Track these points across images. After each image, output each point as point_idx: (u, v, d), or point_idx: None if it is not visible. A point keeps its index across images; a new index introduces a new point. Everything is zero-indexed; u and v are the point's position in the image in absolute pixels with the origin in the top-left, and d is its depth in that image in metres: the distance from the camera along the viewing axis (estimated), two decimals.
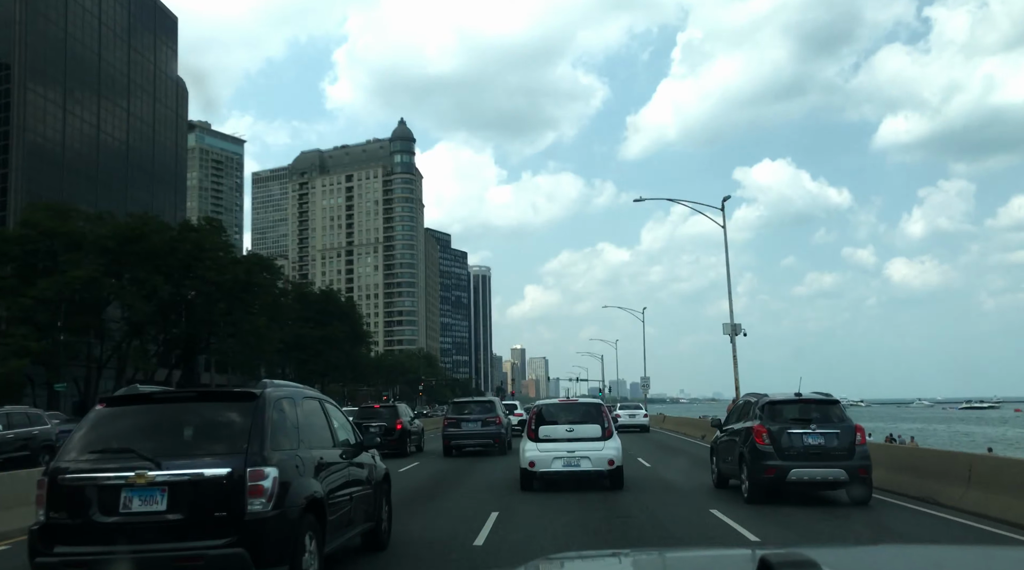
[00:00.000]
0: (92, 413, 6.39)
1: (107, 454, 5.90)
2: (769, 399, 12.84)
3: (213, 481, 5.72)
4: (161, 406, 6.58)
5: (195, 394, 6.76)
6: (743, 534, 9.55)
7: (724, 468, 14.02)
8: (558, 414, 14.40)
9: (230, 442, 5.97)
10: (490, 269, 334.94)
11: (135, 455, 5.79)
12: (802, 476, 11.79)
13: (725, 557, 2.84)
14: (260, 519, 5.71)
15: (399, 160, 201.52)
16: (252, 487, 5.73)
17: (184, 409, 6.46)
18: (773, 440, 12.03)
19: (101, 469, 5.78)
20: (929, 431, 70.61)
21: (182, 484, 5.71)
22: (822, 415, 12.40)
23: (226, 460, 5.79)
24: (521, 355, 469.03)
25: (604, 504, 12.17)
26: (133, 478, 5.69)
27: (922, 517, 10.91)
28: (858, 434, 12.15)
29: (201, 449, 5.99)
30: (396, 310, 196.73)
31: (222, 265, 52.84)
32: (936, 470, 12.43)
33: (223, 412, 6.29)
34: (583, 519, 10.87)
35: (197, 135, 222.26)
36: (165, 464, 5.74)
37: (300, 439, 6.60)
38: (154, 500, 5.71)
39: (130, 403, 6.46)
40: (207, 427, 6.21)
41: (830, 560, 2.06)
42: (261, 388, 6.44)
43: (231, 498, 5.70)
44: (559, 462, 13.58)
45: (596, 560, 3.08)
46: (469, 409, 24.63)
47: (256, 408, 6.14)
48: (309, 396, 7.41)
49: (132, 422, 6.26)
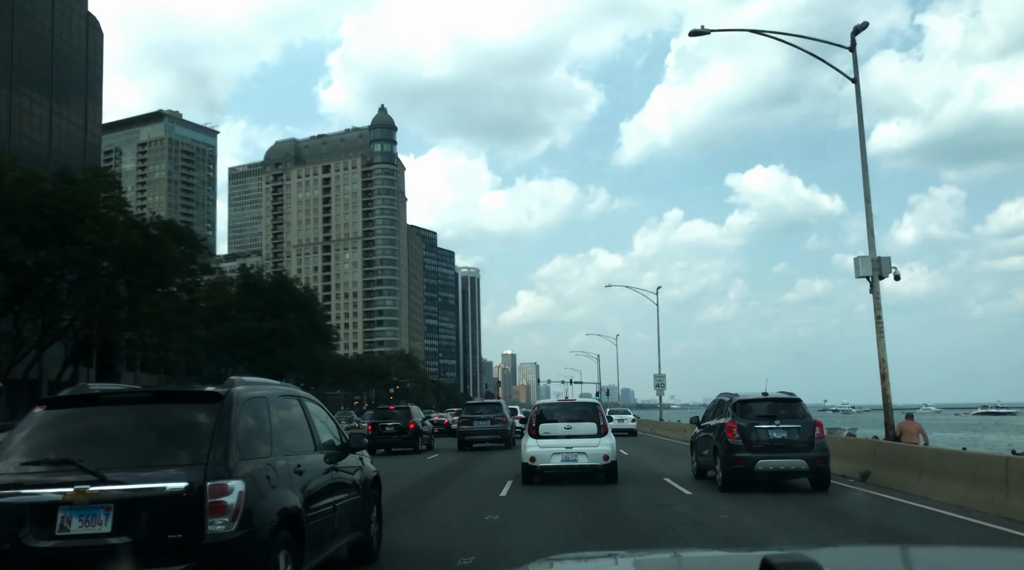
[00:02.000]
0: (29, 417, 5.83)
1: (43, 466, 5.36)
2: (739, 398, 15.31)
3: (167, 497, 5.17)
4: (111, 408, 5.96)
5: (152, 394, 6.22)
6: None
7: (702, 461, 16.44)
8: (557, 413, 16.77)
9: (190, 450, 5.46)
10: (479, 271, 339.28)
11: (75, 467, 5.21)
12: (767, 466, 14.23)
13: (727, 558, 3.02)
14: (222, 541, 5.19)
15: (379, 149, 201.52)
16: (213, 504, 5.21)
17: (138, 412, 5.91)
18: (742, 434, 14.45)
19: (34, 484, 5.22)
20: (969, 441, 59.60)
21: (130, 501, 5.16)
22: (787, 412, 14.87)
23: (184, 472, 5.27)
24: (512, 360, 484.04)
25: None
26: (72, 494, 5.11)
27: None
28: (817, 428, 14.64)
29: (155, 459, 5.43)
30: (376, 309, 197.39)
31: (109, 227, 41.62)
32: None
33: (183, 415, 5.79)
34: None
35: (166, 125, 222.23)
36: (111, 478, 5.17)
37: (274, 444, 6.18)
38: (97, 520, 5.16)
39: (75, 405, 5.93)
40: (164, 433, 5.68)
41: (832, 561, 2.14)
42: (228, 387, 5.97)
43: (188, 517, 5.18)
44: (558, 457, 15.84)
45: (595, 561, 3.27)
46: (480, 410, 30.84)
47: (221, 410, 5.67)
48: (286, 394, 7.07)
49: (76, 428, 5.77)
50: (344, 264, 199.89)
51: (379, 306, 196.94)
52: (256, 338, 67.87)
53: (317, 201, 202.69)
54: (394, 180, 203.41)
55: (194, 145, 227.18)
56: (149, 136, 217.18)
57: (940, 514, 11.73)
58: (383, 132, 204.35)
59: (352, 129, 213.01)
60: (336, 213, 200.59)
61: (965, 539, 9.87)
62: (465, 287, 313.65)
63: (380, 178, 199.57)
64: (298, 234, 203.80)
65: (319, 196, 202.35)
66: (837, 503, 13.40)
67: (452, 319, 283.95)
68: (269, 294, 75.64)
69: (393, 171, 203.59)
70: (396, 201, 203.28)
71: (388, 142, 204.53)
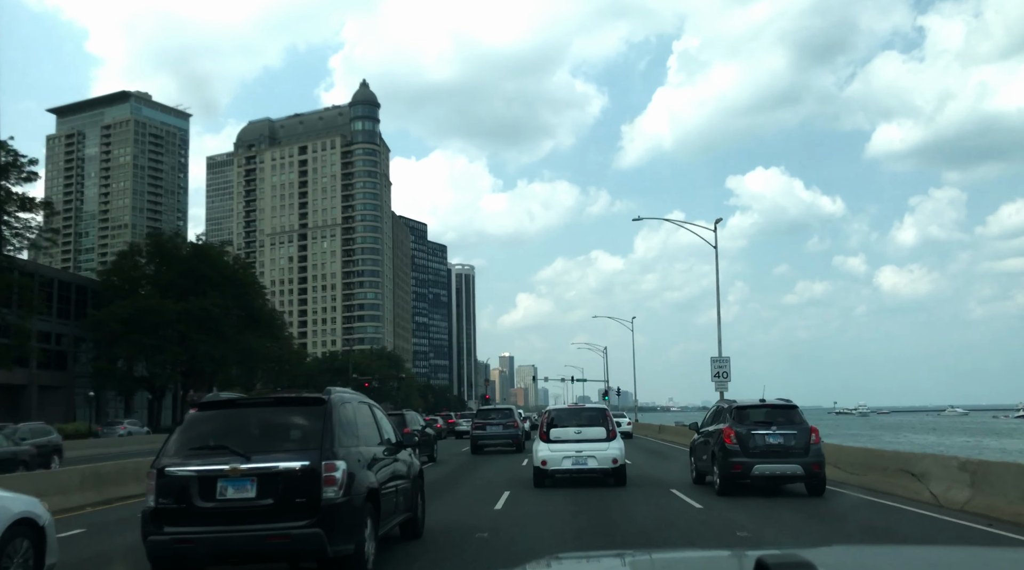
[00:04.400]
0: (187, 416, 8.56)
1: (205, 450, 7.95)
2: (737, 404, 16.93)
3: (294, 472, 7.71)
4: (243, 410, 8.66)
5: (272, 400, 9.01)
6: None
7: (700, 466, 17.99)
8: (567, 418, 18.63)
9: (305, 440, 8.02)
10: (474, 268, 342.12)
11: (228, 451, 7.85)
12: (764, 471, 15.66)
13: (721, 558, 3.23)
14: (333, 505, 7.68)
15: (360, 127, 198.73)
16: (326, 478, 7.71)
17: (263, 412, 8.63)
18: (740, 440, 15.91)
19: (201, 462, 7.80)
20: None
21: (269, 475, 7.69)
22: (784, 418, 16.34)
23: (303, 455, 7.80)
24: (509, 363, 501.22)
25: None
26: (228, 470, 7.69)
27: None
28: (813, 434, 16.06)
29: (281, 445, 8.01)
30: (356, 303, 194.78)
31: None
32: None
33: (296, 414, 8.39)
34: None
35: (132, 106, 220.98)
36: (254, 458, 7.75)
37: (358, 437, 8.78)
38: (245, 489, 7.69)
39: (216, 408, 8.60)
40: (285, 427, 8.31)
41: (826, 561, 2.25)
42: (328, 394, 8.57)
43: (309, 486, 7.67)
44: (568, 461, 17.64)
45: (594, 561, 3.50)
46: (492, 416, 34.77)
47: (325, 411, 8.22)
48: (362, 401, 9.83)
49: (221, 423, 8.40)
50: (321, 254, 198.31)
51: (359, 299, 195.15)
52: (163, 321, 56.62)
53: (293, 185, 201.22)
54: (376, 162, 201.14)
55: (163, 128, 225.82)
56: (114, 118, 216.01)
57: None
58: (365, 109, 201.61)
59: (331, 107, 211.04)
60: (313, 198, 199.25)
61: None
62: (459, 285, 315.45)
63: (361, 159, 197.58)
64: (272, 222, 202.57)
65: (295, 180, 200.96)
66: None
67: (444, 317, 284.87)
68: (183, 264, 62.64)
69: (375, 152, 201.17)
70: (379, 185, 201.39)
71: (370, 120, 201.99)
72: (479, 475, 22.25)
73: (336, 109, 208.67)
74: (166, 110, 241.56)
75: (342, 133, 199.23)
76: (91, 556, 10.76)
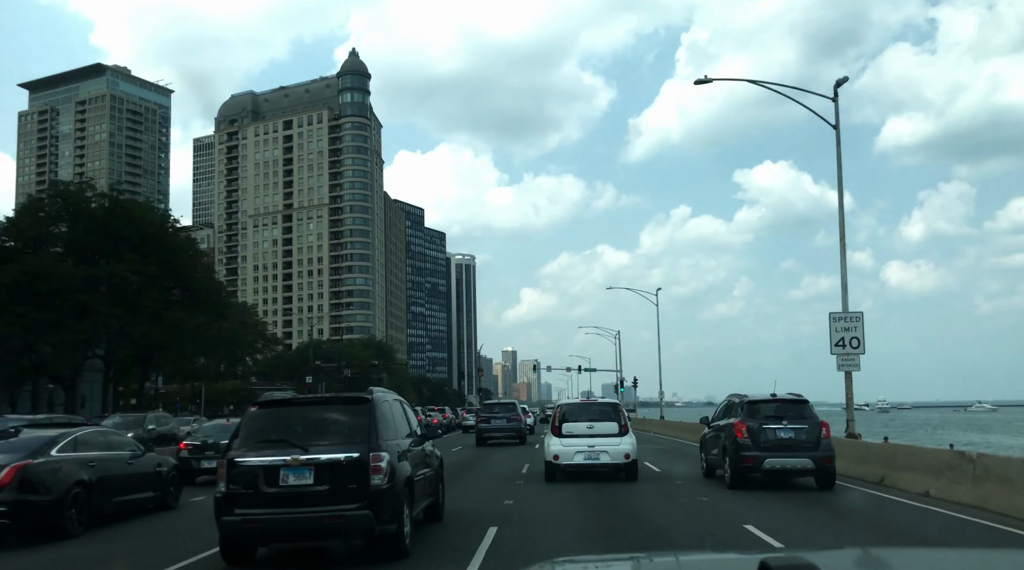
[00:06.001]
0: (248, 413, 10.98)
1: (268, 443, 10.09)
2: (749, 399, 18.04)
3: (346, 462, 9.79)
4: (297, 408, 11.32)
5: (322, 399, 11.87)
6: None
7: (711, 460, 19.26)
8: (579, 413, 19.67)
9: (354, 434, 10.10)
10: (475, 258, 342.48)
11: (288, 443, 9.95)
12: (775, 465, 16.87)
13: (725, 561, 3.46)
14: (380, 490, 9.78)
15: (349, 99, 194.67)
16: (374, 467, 9.80)
17: (315, 409, 10.96)
18: (751, 434, 17.07)
19: (265, 454, 9.92)
20: None
21: (324, 464, 9.76)
22: (795, 413, 17.50)
23: (353, 447, 9.88)
24: (512, 357, 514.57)
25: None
26: (289, 461, 9.78)
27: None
28: (823, 429, 17.18)
29: (333, 439, 10.12)
30: (344, 289, 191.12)
31: None
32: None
33: (344, 412, 10.62)
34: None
35: (108, 80, 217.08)
36: (311, 450, 9.85)
37: (395, 431, 11.07)
38: (304, 476, 9.72)
39: (273, 406, 11.39)
40: (335, 422, 10.47)
41: (830, 563, 2.35)
42: (371, 394, 10.89)
43: (359, 474, 9.75)
44: (580, 455, 18.73)
45: (597, 564, 3.68)
46: (497, 410, 39.13)
47: (370, 409, 10.42)
48: (396, 398, 12.32)
49: (278, 419, 10.77)
50: (307, 236, 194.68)
51: (348, 285, 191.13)
52: (60, 289, 46.64)
53: (277, 163, 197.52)
54: (367, 137, 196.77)
55: (142, 104, 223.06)
56: (89, 93, 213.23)
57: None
58: (354, 80, 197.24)
59: (319, 78, 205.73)
60: (299, 177, 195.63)
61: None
62: (460, 276, 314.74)
63: (350, 134, 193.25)
64: (255, 202, 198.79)
65: (279, 157, 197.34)
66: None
67: (443, 308, 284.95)
68: (90, 221, 53.21)
69: (366, 126, 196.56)
70: (370, 162, 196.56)
71: (360, 91, 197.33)
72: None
73: (324, 80, 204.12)
74: (146, 85, 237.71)
75: (330, 106, 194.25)
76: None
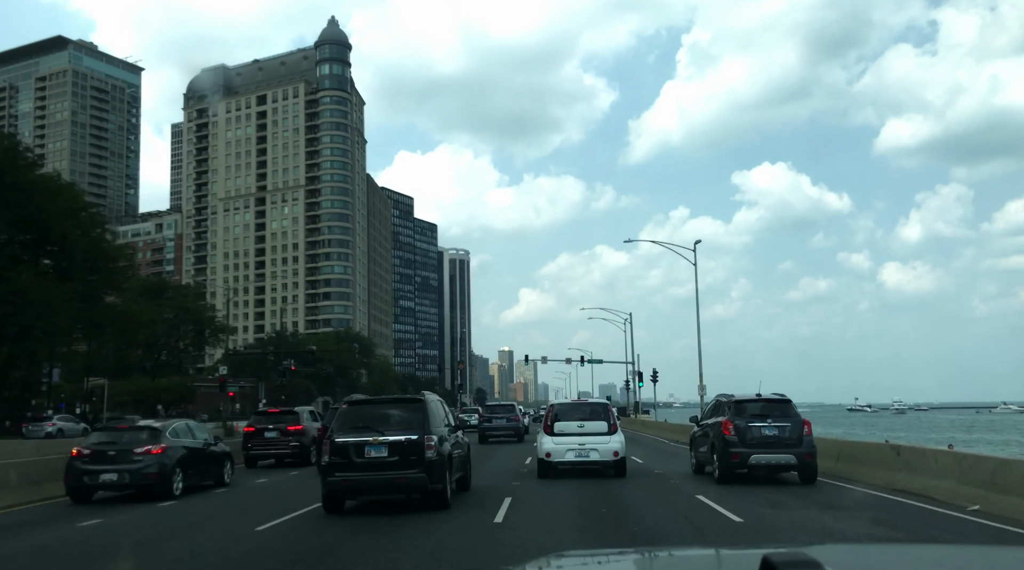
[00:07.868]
0: (342, 408, 16.77)
1: (356, 429, 15.64)
2: (735, 398, 20.53)
3: (409, 442, 15.38)
4: (373, 405, 17.42)
5: (389, 400, 18.46)
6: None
7: (700, 457, 21.89)
8: (571, 412, 22.21)
9: (412, 423, 15.72)
10: (469, 253, 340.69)
11: (370, 429, 15.64)
12: (760, 460, 19.36)
13: (727, 556, 3.56)
14: (431, 461, 15.32)
15: (327, 71, 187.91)
16: (427, 445, 15.35)
17: (385, 406, 17.12)
18: (738, 432, 19.57)
19: (355, 435, 15.44)
20: None
21: (394, 443, 15.40)
22: (779, 412, 19.98)
23: (413, 431, 15.50)
24: (509, 357, 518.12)
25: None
26: (371, 440, 15.38)
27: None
28: (805, 427, 19.68)
29: (399, 426, 15.77)
30: (321, 279, 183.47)
31: None
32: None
33: (405, 408, 16.30)
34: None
35: (71, 54, 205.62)
36: (386, 433, 15.55)
37: (440, 423, 16.63)
38: (381, 451, 15.32)
39: (358, 404, 17.12)
40: (398, 415, 16.17)
41: (832, 559, 2.41)
42: (423, 396, 16.83)
43: (417, 450, 15.32)
44: (571, 453, 21.16)
45: (593, 559, 3.87)
46: (497, 410, 47.89)
47: (423, 407, 16.01)
48: (438, 400, 17.79)
49: (362, 413, 16.40)
50: (282, 220, 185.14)
51: (325, 273, 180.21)
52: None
53: (250, 142, 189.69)
54: (347, 113, 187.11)
55: (109, 82, 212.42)
56: (50, 68, 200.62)
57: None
58: (332, 50, 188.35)
59: (296, 51, 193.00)
60: (273, 157, 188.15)
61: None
62: (453, 270, 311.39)
63: (329, 109, 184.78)
64: (226, 185, 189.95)
65: (252, 135, 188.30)
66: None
67: (435, 303, 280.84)
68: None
69: (346, 101, 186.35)
70: (350, 140, 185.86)
71: (339, 63, 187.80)
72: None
73: (300, 52, 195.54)
74: (112, 61, 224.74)
75: (307, 79, 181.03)
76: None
